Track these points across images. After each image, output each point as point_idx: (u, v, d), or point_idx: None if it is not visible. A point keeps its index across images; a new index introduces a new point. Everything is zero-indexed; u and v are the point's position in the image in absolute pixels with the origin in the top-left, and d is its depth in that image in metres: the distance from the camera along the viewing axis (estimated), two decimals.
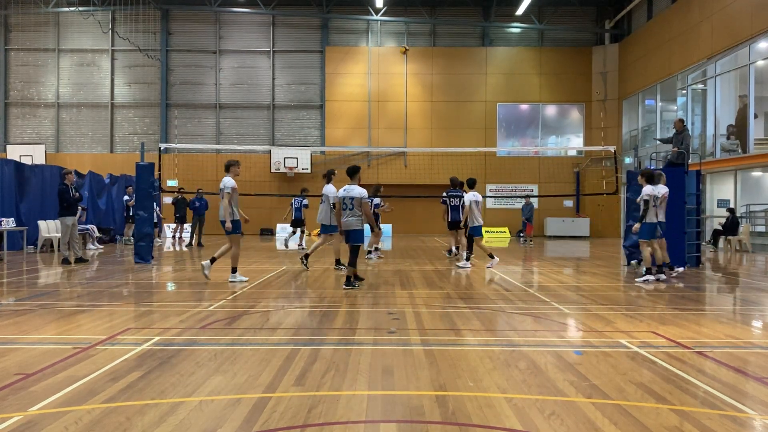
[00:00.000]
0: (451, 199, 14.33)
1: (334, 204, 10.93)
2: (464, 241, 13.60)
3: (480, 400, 3.91)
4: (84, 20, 27.45)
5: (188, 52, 29.48)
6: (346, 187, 9.38)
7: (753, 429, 3.55)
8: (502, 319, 7.00)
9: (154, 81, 29.33)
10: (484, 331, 6.23)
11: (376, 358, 4.99)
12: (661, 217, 10.86)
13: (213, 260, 10.05)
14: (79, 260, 13.24)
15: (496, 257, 12.75)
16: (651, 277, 10.43)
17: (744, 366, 4.84)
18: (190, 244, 19.37)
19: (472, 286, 9.92)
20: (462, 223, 13.81)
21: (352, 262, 9.25)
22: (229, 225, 9.58)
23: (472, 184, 13.03)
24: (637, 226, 10.62)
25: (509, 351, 5.28)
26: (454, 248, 15.08)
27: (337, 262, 11.84)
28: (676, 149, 13.54)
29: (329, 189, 11.74)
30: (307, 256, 12.19)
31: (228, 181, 9.70)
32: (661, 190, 10.86)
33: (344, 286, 9.16)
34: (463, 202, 13.37)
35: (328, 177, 12.12)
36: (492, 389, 4.15)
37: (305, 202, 18.06)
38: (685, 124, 14.05)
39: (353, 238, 9.22)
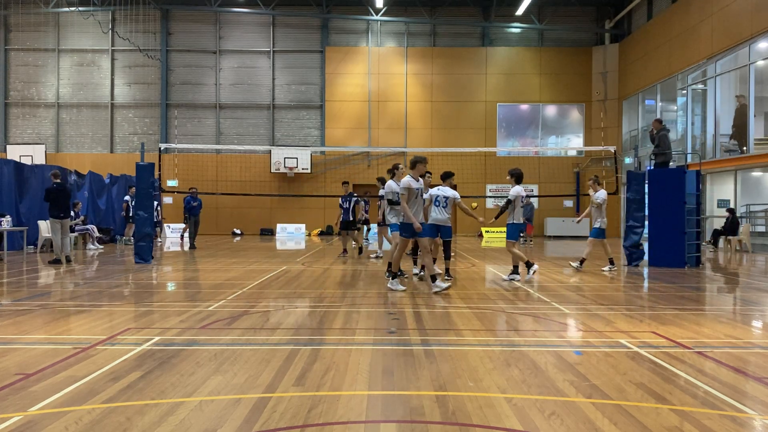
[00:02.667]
0: (345, 202, 14.91)
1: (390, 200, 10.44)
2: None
3: (480, 400, 3.91)
4: (84, 20, 27.46)
5: (188, 52, 29.49)
6: (440, 187, 10.05)
7: (753, 429, 3.55)
8: (502, 319, 7.00)
9: (154, 81, 29.34)
10: (484, 331, 6.23)
11: (376, 358, 4.99)
12: (521, 219, 10.64)
13: (394, 275, 9.15)
14: (58, 261, 13.22)
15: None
16: (518, 276, 10.41)
17: (744, 366, 4.84)
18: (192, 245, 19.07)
19: (472, 286, 9.92)
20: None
21: (448, 256, 10.24)
22: (417, 226, 8.74)
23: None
24: (508, 225, 10.45)
25: (509, 351, 5.28)
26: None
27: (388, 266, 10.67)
28: (655, 151, 13.71)
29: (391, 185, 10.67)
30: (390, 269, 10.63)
31: (403, 181, 8.93)
32: (523, 192, 10.66)
33: (446, 277, 9.99)
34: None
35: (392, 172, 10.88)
36: (492, 389, 4.15)
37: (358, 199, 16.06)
38: (663, 124, 14.12)
39: (445, 233, 10.07)
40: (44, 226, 16.86)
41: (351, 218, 14.92)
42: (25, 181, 17.45)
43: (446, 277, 9.95)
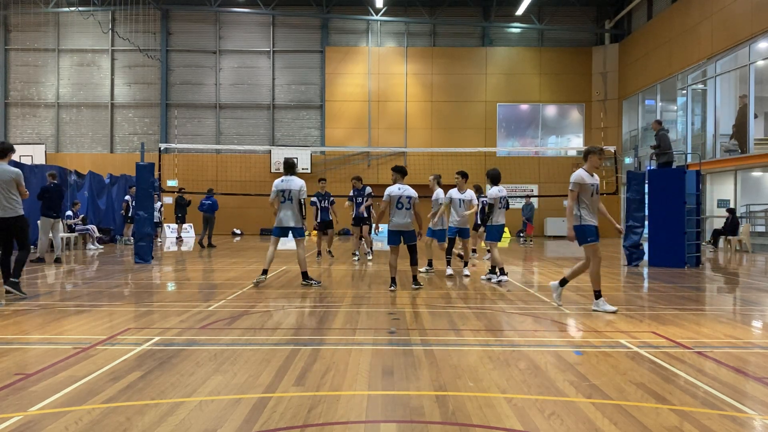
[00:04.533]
0: (321, 201, 14.38)
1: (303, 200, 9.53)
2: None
3: (480, 400, 3.91)
4: (84, 20, 27.45)
5: (188, 52, 29.49)
6: (400, 185, 9.08)
7: (753, 429, 3.55)
8: (502, 319, 7.00)
9: (154, 81, 29.34)
10: (484, 331, 6.22)
11: (376, 358, 4.99)
12: (503, 220, 10.37)
13: (564, 282, 7.73)
14: (41, 260, 13.30)
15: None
16: (495, 277, 10.09)
17: (744, 366, 4.84)
18: (210, 245, 18.97)
19: (472, 286, 9.92)
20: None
21: (414, 261, 9.26)
22: (571, 234, 7.61)
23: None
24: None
25: (509, 351, 5.28)
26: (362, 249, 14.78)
27: (304, 276, 9.75)
28: (655, 151, 13.78)
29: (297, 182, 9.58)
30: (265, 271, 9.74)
31: (575, 176, 7.55)
32: (504, 192, 10.36)
33: (413, 287, 9.13)
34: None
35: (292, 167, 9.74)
36: (492, 389, 4.15)
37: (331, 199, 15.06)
38: (662, 125, 14.17)
39: (409, 238, 9.13)
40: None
41: (329, 218, 14.62)
42: (25, 181, 17.41)
43: (413, 286, 9.11)
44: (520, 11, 27.33)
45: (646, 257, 13.65)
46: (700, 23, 21.67)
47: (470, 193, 11.14)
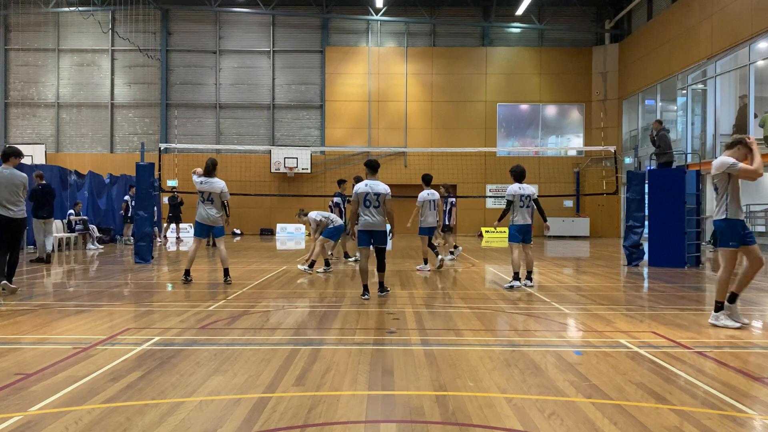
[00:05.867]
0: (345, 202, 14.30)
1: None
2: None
3: (480, 400, 3.91)
4: (84, 20, 27.46)
5: (188, 52, 29.48)
6: (368, 181, 8.33)
7: (753, 429, 3.55)
8: (502, 319, 7.00)
9: (154, 81, 29.33)
10: (484, 331, 6.23)
11: (376, 358, 4.99)
12: (529, 220, 9.65)
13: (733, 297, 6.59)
14: (41, 260, 13.34)
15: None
16: (516, 283, 9.45)
17: (744, 366, 4.84)
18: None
19: (472, 286, 9.92)
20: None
21: (381, 267, 8.41)
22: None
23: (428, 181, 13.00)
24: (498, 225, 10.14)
25: (509, 351, 5.28)
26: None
27: (227, 272, 10.03)
28: (655, 150, 13.82)
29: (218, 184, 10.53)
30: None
31: (723, 159, 6.46)
32: (528, 189, 9.64)
33: (379, 293, 8.43)
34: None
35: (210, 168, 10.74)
36: (492, 389, 4.15)
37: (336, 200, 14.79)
38: (662, 124, 14.19)
39: (379, 239, 8.31)
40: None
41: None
42: None
43: (380, 293, 8.42)
44: (520, 11, 27.33)
45: (646, 257, 13.65)
46: (700, 23, 21.67)
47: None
